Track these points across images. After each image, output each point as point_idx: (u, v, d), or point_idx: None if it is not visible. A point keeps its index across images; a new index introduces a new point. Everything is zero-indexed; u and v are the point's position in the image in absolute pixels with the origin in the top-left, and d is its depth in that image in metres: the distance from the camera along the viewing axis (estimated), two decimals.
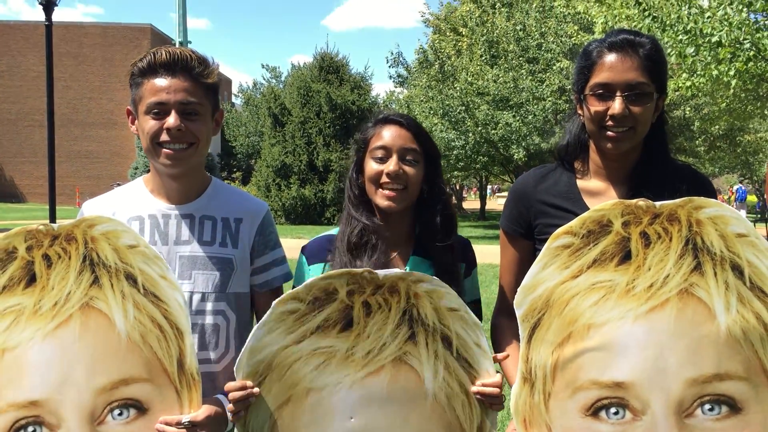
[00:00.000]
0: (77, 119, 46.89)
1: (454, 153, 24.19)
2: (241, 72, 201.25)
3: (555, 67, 22.54)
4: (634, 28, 11.37)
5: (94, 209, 2.34)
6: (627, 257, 1.90)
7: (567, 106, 21.61)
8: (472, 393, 2.01)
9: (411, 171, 2.30)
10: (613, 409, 1.85)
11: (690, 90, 12.76)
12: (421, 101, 24.82)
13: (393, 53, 30.73)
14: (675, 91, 13.32)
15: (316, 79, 30.12)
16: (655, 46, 2.17)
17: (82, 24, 50.45)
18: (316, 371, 1.97)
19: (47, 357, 1.97)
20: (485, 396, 2.00)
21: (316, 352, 1.97)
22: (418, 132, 2.36)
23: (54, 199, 15.82)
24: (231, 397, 1.96)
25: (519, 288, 1.97)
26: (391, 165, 2.28)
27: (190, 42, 29.09)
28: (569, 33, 21.31)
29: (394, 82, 32.80)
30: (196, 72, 2.23)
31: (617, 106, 2.10)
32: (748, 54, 11.24)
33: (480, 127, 22.96)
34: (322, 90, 29.12)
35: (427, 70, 24.93)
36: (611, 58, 2.14)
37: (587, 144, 2.31)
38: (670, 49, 11.43)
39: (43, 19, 15.73)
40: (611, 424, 1.86)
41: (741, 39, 10.98)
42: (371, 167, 2.32)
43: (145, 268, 2.05)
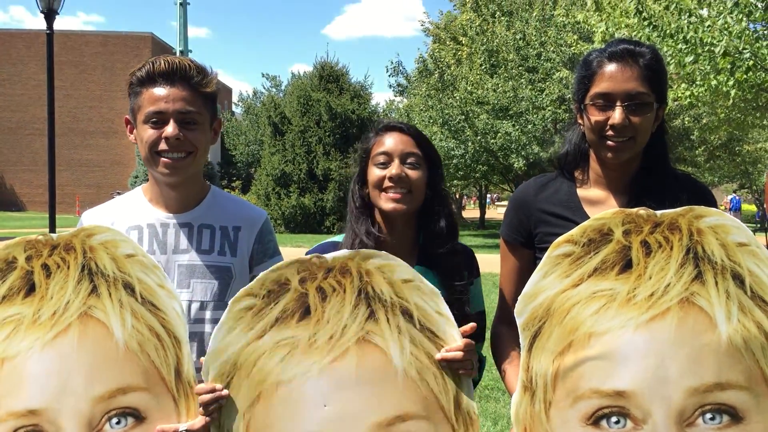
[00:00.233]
0: (78, 128, 46.95)
1: (453, 162, 24.23)
2: (241, 81, 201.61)
3: (555, 77, 22.60)
4: (633, 37, 11.42)
5: (93, 219, 2.35)
6: (628, 266, 1.90)
7: (567, 115, 21.65)
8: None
9: (414, 174, 2.30)
10: (614, 419, 1.85)
11: (689, 100, 12.78)
12: (421, 110, 24.87)
13: (393, 62, 30.81)
14: (674, 101, 13.34)
15: (316, 88, 30.18)
16: (655, 55, 2.17)
17: (83, 33, 50.60)
18: (282, 363, 1.95)
19: (46, 366, 1.97)
20: (450, 362, 1.97)
21: (278, 344, 1.96)
22: (418, 137, 2.37)
23: (54, 208, 15.81)
24: (200, 401, 1.96)
25: (519, 297, 1.97)
26: (394, 168, 2.29)
27: (190, 51, 29.22)
28: (569, 42, 21.34)
29: (393, 91, 32.91)
30: (194, 81, 2.24)
31: (617, 116, 2.10)
32: (747, 63, 11.26)
33: (479, 136, 23.01)
34: (322, 99, 29.17)
35: (427, 79, 24.99)
36: (611, 67, 2.14)
37: (587, 153, 2.31)
38: (669, 59, 11.45)
39: (44, 28, 15.78)
40: None
41: (741, 48, 11.00)
42: (374, 173, 2.33)
43: (143, 277, 2.05)
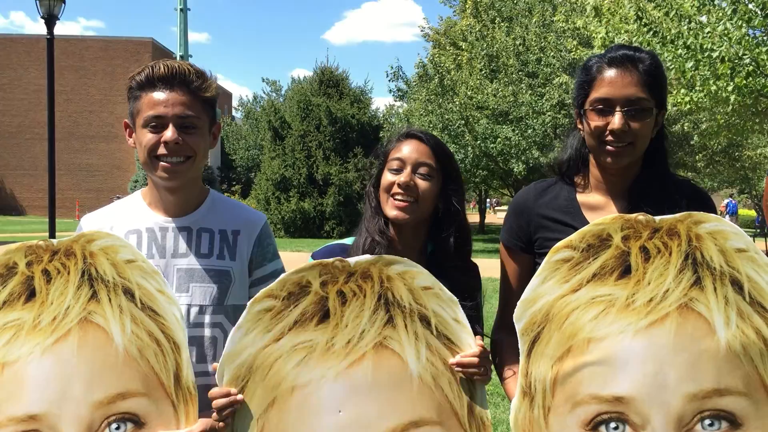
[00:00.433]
0: (78, 132, 46.96)
1: None
2: (242, 85, 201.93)
3: (554, 82, 22.60)
4: (633, 43, 11.43)
5: (92, 223, 2.35)
6: (627, 271, 1.90)
7: (566, 120, 21.65)
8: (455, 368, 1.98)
9: (423, 185, 2.31)
10: (613, 424, 1.84)
11: (689, 105, 12.79)
12: (421, 115, 24.84)
13: (393, 67, 30.81)
14: (674, 107, 13.35)
15: (316, 93, 30.21)
16: (655, 61, 2.17)
17: (83, 38, 50.64)
18: (298, 367, 1.95)
19: (46, 371, 1.98)
20: (465, 367, 1.98)
21: (296, 348, 1.96)
22: (437, 148, 2.37)
23: (54, 212, 15.81)
24: (215, 405, 1.95)
25: (519, 302, 1.97)
26: (403, 176, 2.30)
27: (191, 56, 29.24)
28: (569, 48, 21.36)
29: (393, 96, 32.85)
30: (194, 86, 2.24)
31: (617, 121, 2.10)
32: (747, 69, 11.28)
33: (479, 141, 23.01)
34: (322, 104, 29.19)
35: (427, 84, 24.98)
36: (611, 73, 2.14)
37: (587, 158, 2.31)
38: (669, 64, 11.47)
39: (45, 33, 15.80)
40: None
41: (740, 54, 11.02)
42: (386, 177, 2.35)
43: (143, 282, 2.06)
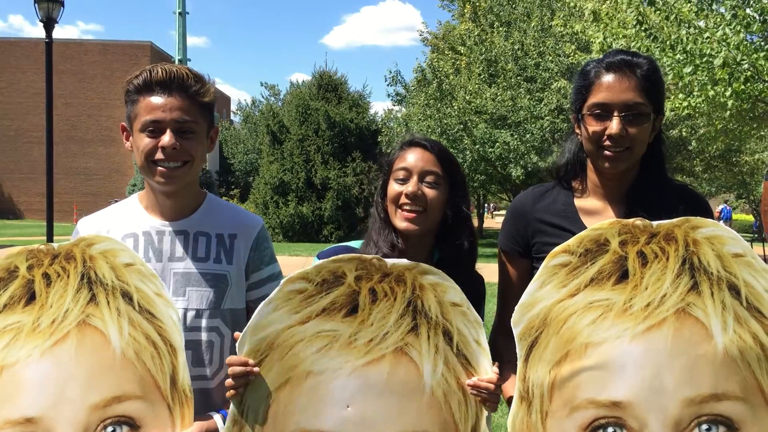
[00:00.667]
0: (76, 136, 46.92)
1: None
2: (240, 90, 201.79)
3: (553, 87, 22.62)
4: (631, 47, 11.46)
5: (89, 227, 2.35)
6: (624, 276, 1.91)
7: (565, 125, 21.68)
8: (467, 389, 1.99)
9: (431, 193, 2.30)
10: (611, 429, 1.85)
11: (686, 110, 12.81)
12: (419, 119, 24.83)
13: (391, 72, 30.84)
14: (671, 111, 13.37)
15: (314, 97, 30.21)
16: (653, 66, 2.18)
17: (82, 41, 50.59)
18: (317, 354, 1.96)
19: (43, 374, 1.98)
20: (479, 390, 1.98)
21: (319, 334, 1.96)
22: (442, 156, 2.36)
23: (52, 216, 15.81)
24: (231, 372, 1.95)
25: (516, 306, 1.97)
26: (410, 186, 2.29)
27: (189, 59, 29.26)
28: (567, 52, 21.38)
29: (392, 100, 32.85)
30: (192, 91, 2.23)
31: (614, 126, 2.11)
32: (745, 74, 11.30)
33: (478, 146, 23.02)
34: (320, 108, 29.18)
35: (426, 88, 24.98)
36: (609, 78, 2.15)
37: (585, 163, 2.32)
38: (668, 69, 11.49)
39: (44, 37, 15.81)
40: None
41: (739, 59, 11.04)
42: (392, 188, 2.34)
43: (141, 286, 2.06)
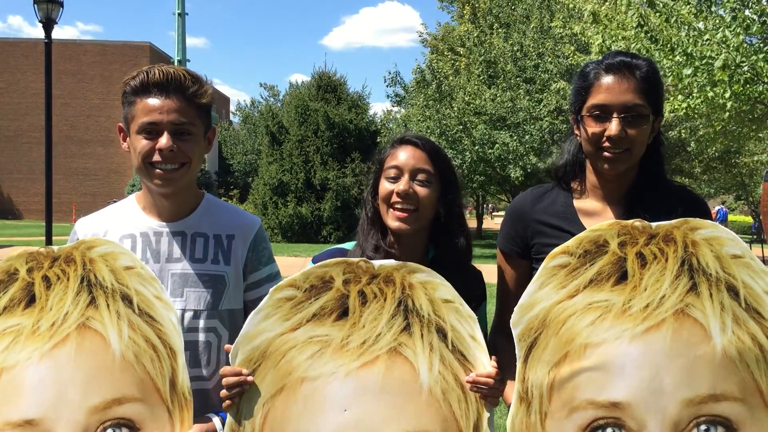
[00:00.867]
0: (75, 136, 46.89)
1: None
2: (240, 90, 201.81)
3: (552, 88, 22.63)
4: (630, 49, 11.46)
5: (86, 228, 2.35)
6: (623, 277, 1.91)
7: (564, 126, 21.68)
8: (466, 386, 1.97)
9: (422, 191, 2.28)
10: (610, 430, 1.85)
11: (685, 111, 12.82)
12: (419, 120, 24.86)
13: (391, 73, 30.89)
14: (671, 113, 13.38)
15: (313, 98, 30.18)
16: (652, 68, 2.18)
17: (81, 42, 50.56)
18: (310, 360, 1.95)
19: (43, 376, 1.99)
20: (479, 386, 1.97)
21: (311, 340, 1.96)
22: (433, 153, 2.34)
23: (51, 216, 15.82)
24: (225, 383, 1.96)
25: (516, 307, 1.97)
26: (402, 184, 2.27)
27: (188, 60, 29.25)
28: (566, 54, 21.40)
29: (391, 101, 32.91)
30: (189, 92, 2.22)
31: (614, 127, 2.11)
32: (745, 76, 11.31)
33: (477, 147, 23.02)
34: (319, 109, 29.16)
35: (425, 89, 25.00)
36: (608, 79, 2.15)
37: (584, 164, 2.32)
38: (668, 71, 11.50)
39: (43, 37, 15.83)
40: None
41: (738, 61, 11.05)
42: (384, 186, 2.32)
43: (141, 288, 2.06)
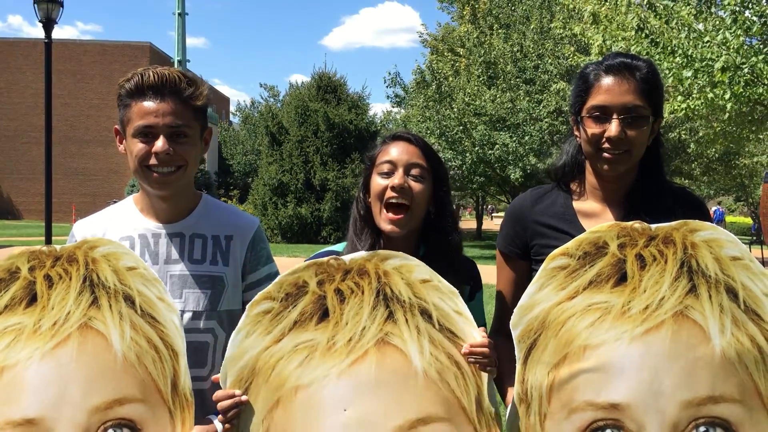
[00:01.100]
0: (75, 136, 46.85)
1: (450, 173, 24.22)
2: (240, 91, 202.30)
3: (552, 89, 22.65)
4: (630, 50, 11.47)
5: (84, 230, 2.35)
6: (623, 279, 1.91)
7: (563, 127, 21.69)
8: (462, 362, 1.96)
9: (417, 187, 2.25)
10: (609, 431, 1.85)
11: (684, 112, 12.82)
12: (419, 121, 24.87)
13: (390, 73, 30.88)
14: (671, 114, 13.38)
15: (313, 99, 30.18)
16: (652, 69, 2.19)
17: (81, 42, 50.50)
18: (300, 368, 1.94)
19: (44, 376, 1.99)
20: (476, 356, 1.95)
21: (297, 348, 1.95)
22: (426, 149, 2.32)
23: (50, 216, 15.82)
24: (220, 407, 1.95)
25: (515, 308, 1.97)
26: (396, 178, 2.24)
27: (188, 60, 29.26)
28: (566, 54, 21.40)
29: (391, 101, 32.93)
30: (185, 95, 2.21)
31: (614, 128, 2.11)
32: (745, 78, 11.32)
33: (477, 148, 23.03)
34: (319, 109, 29.17)
35: (425, 90, 25.01)
36: (608, 81, 2.15)
37: (584, 165, 2.32)
38: (668, 72, 11.50)
39: (43, 37, 15.82)
40: None
41: (739, 63, 11.06)
42: (376, 182, 2.28)
43: (144, 289, 2.06)
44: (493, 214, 60.86)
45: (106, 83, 46.34)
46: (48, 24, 15.54)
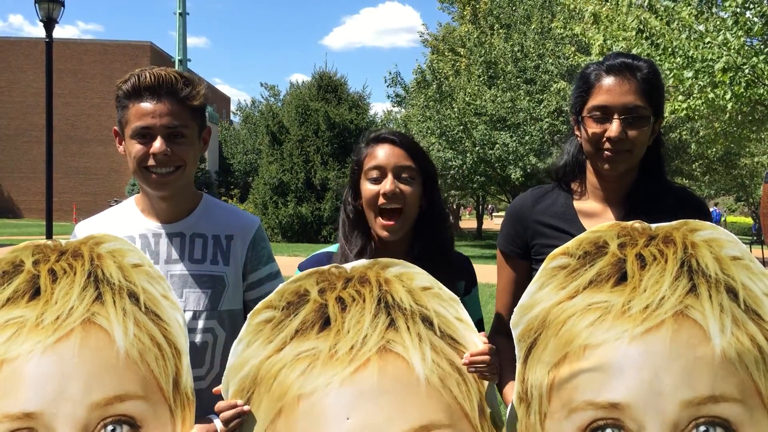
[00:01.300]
0: (75, 135, 46.86)
1: (451, 173, 24.25)
2: (240, 90, 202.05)
3: (552, 88, 22.63)
4: (631, 50, 11.46)
5: (86, 230, 2.34)
6: (623, 279, 1.91)
7: (564, 127, 21.68)
8: (464, 368, 1.96)
9: (408, 189, 2.25)
10: (609, 430, 1.85)
11: (685, 112, 12.82)
12: (419, 121, 24.85)
13: (391, 73, 30.84)
14: (671, 114, 13.38)
15: (314, 98, 30.18)
16: (653, 69, 2.19)
17: (82, 41, 50.51)
18: (302, 376, 1.94)
19: (45, 370, 1.99)
20: (477, 365, 1.96)
21: (299, 356, 1.95)
22: (412, 149, 2.30)
23: (51, 215, 15.82)
24: (222, 418, 1.95)
25: (516, 308, 1.98)
26: (387, 184, 2.23)
27: (189, 60, 29.23)
28: (566, 54, 21.39)
29: (392, 101, 32.89)
30: (182, 95, 2.21)
31: (614, 128, 2.11)
32: (745, 78, 11.32)
33: (477, 147, 23.02)
34: (320, 109, 29.17)
35: (425, 90, 24.99)
36: (609, 81, 2.15)
37: (584, 165, 2.32)
38: (668, 72, 11.50)
39: (44, 36, 15.83)
40: None
41: (739, 64, 11.06)
42: (367, 188, 2.27)
43: (148, 287, 2.06)
44: (494, 213, 60.83)
45: (106, 83, 46.30)
46: (49, 23, 15.55)
